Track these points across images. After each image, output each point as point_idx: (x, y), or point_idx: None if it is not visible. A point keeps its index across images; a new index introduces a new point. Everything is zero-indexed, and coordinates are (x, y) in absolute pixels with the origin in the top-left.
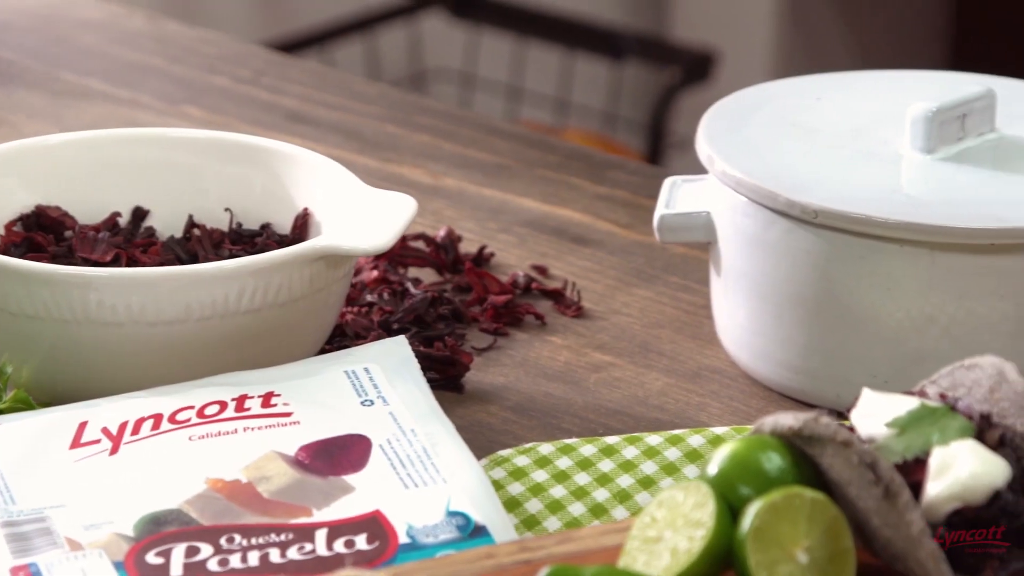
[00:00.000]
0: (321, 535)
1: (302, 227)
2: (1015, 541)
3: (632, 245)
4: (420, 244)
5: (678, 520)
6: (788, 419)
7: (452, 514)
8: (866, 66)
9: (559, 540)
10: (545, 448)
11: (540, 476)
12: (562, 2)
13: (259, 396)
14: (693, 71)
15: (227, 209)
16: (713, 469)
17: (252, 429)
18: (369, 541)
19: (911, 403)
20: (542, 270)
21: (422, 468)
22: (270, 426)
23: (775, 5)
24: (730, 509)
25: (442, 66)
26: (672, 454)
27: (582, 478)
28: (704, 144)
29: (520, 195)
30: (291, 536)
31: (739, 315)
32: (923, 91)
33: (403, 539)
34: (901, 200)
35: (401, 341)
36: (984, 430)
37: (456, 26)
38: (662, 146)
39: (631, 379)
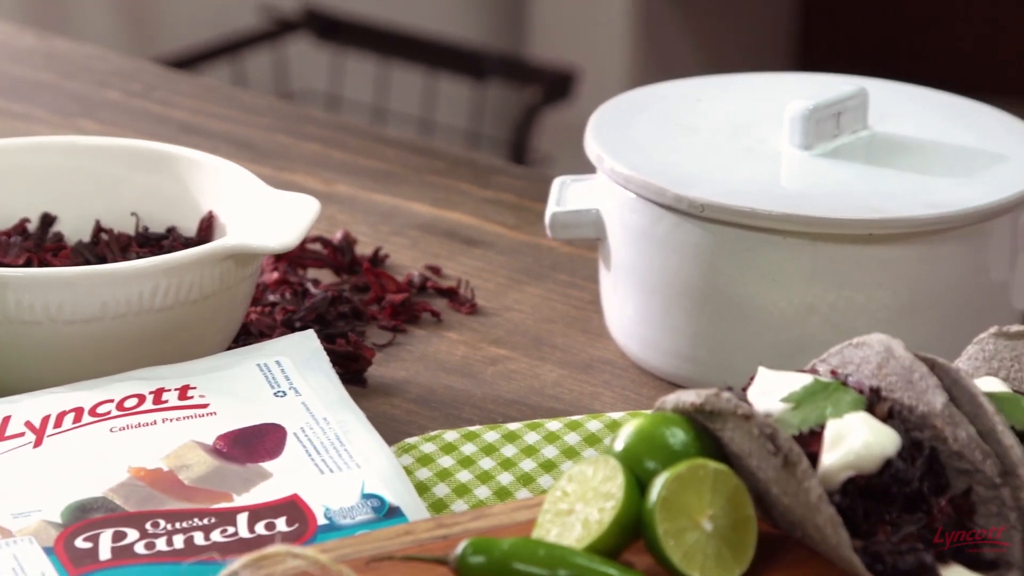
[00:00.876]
0: (243, 519)
1: (207, 229)
2: (905, 507)
3: (520, 245)
4: (318, 247)
5: (588, 493)
6: (690, 396)
7: (367, 496)
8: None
9: (473, 516)
10: (450, 435)
11: (446, 462)
12: (424, 23)
13: (175, 389)
14: (554, 90)
15: (133, 214)
16: (620, 445)
17: (170, 420)
18: (289, 523)
19: (805, 379)
20: (436, 270)
21: (336, 454)
22: (188, 417)
23: (628, 23)
24: (637, 482)
25: (308, 88)
26: (572, 439)
27: (486, 463)
28: (593, 143)
29: (410, 199)
30: (214, 520)
31: (628, 308)
32: (798, 91)
33: (321, 521)
34: (782, 194)
35: (310, 335)
36: (874, 403)
37: (321, 48)
38: (525, 163)
39: (526, 371)
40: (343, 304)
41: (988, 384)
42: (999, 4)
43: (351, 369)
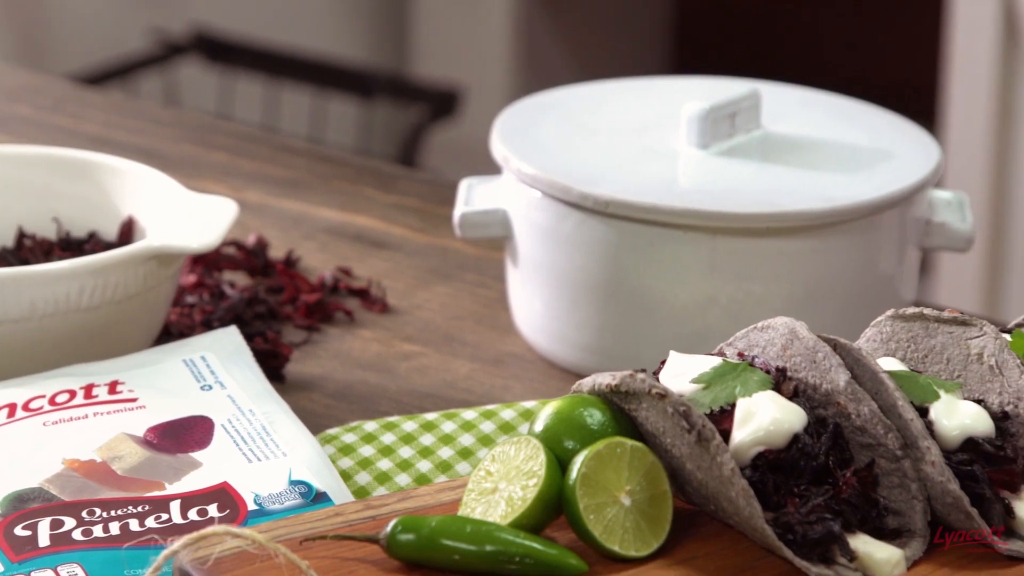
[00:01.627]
0: (175, 506)
1: (128, 233)
2: (812, 479)
3: (427, 247)
4: (232, 250)
5: (512, 472)
6: (606, 378)
7: (294, 483)
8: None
9: (400, 498)
10: (370, 426)
11: (367, 451)
12: (311, 45)
13: (105, 384)
14: (440, 108)
15: (55, 219)
16: (540, 426)
17: (101, 414)
18: (220, 509)
19: (714, 361)
20: (346, 271)
21: (263, 444)
22: (118, 411)
23: (508, 40)
24: (557, 461)
25: (199, 109)
26: (487, 427)
27: (406, 451)
28: (499, 145)
29: (318, 205)
30: (147, 507)
31: (536, 303)
32: (693, 93)
33: (251, 506)
34: (682, 190)
35: (232, 331)
36: (780, 382)
37: (210, 71)
38: None
39: (438, 366)
40: (259, 305)
41: (887, 364)
42: (863, 13)
43: (269, 366)
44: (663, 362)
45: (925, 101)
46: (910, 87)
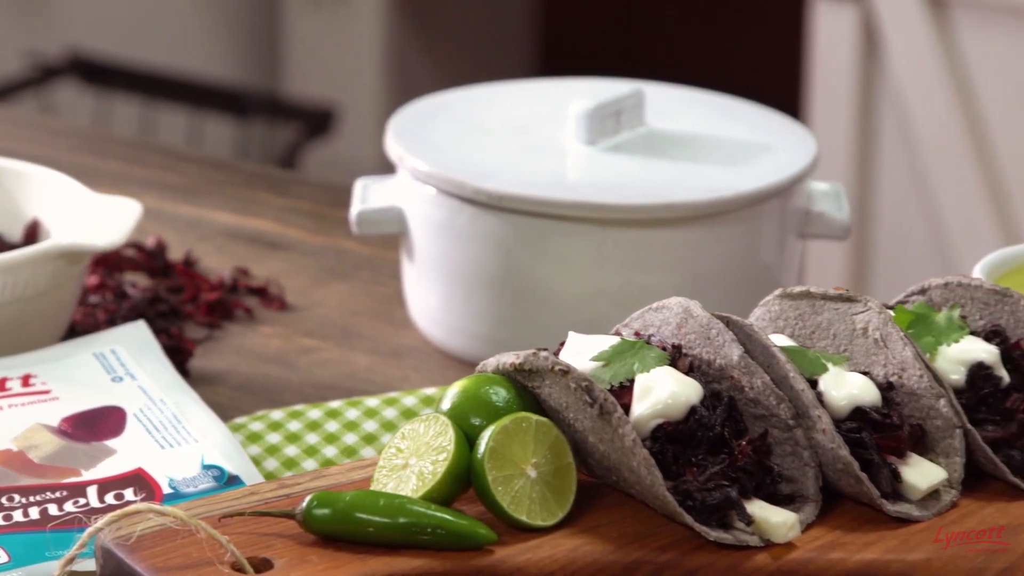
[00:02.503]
0: (92, 491)
1: (32, 234)
2: (709, 450)
3: (322, 248)
4: (132, 252)
5: (421, 448)
6: (509, 357)
7: (207, 467)
8: None
9: (313, 477)
10: (276, 414)
11: (274, 438)
12: (186, 65)
13: (18, 378)
14: (315, 126)
15: None
16: (447, 404)
17: (16, 406)
18: (136, 493)
19: (612, 340)
20: (244, 272)
21: (175, 431)
22: (32, 402)
23: (379, 58)
24: (465, 437)
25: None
26: (390, 413)
27: (312, 438)
28: (394, 144)
29: (213, 209)
30: (65, 493)
31: (432, 297)
32: (579, 93)
33: (167, 490)
34: (572, 184)
35: (140, 325)
36: (676, 359)
37: (86, 93)
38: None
39: (338, 359)
40: (160, 304)
41: (776, 340)
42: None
43: (174, 361)
44: (562, 343)
45: (788, 109)
46: (771, 92)
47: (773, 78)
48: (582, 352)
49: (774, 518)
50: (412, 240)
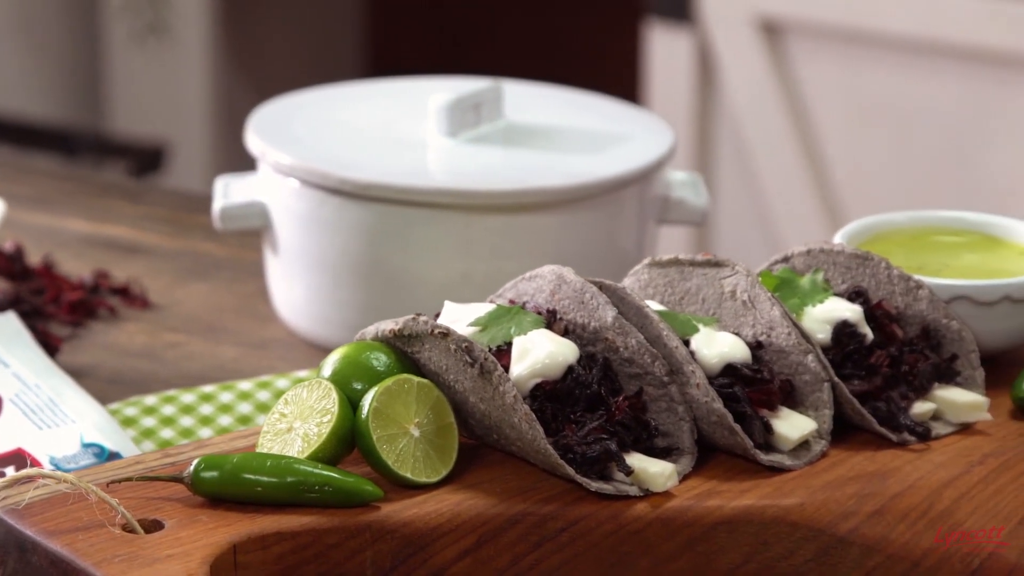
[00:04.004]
0: None
1: None
2: (587, 407)
3: (180, 251)
4: None
5: (306, 412)
6: (388, 323)
7: (87, 445)
8: None
9: (196, 447)
10: (150, 399)
11: (149, 422)
12: (9, 104)
13: None
14: (145, 163)
15: None
16: (328, 371)
17: None
18: (18, 470)
19: (488, 307)
20: (104, 273)
21: (52, 413)
22: None
23: (206, 94)
24: (348, 400)
25: None
26: (263, 395)
27: (187, 421)
28: (256, 139)
29: (68, 217)
30: None
31: (298, 288)
32: (437, 90)
33: (48, 467)
34: (436, 173)
35: (9, 317)
36: (551, 323)
37: None
38: None
39: (205, 352)
40: (23, 304)
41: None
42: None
43: None
44: (438, 313)
45: None
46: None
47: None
48: (458, 320)
49: (652, 468)
50: (276, 234)
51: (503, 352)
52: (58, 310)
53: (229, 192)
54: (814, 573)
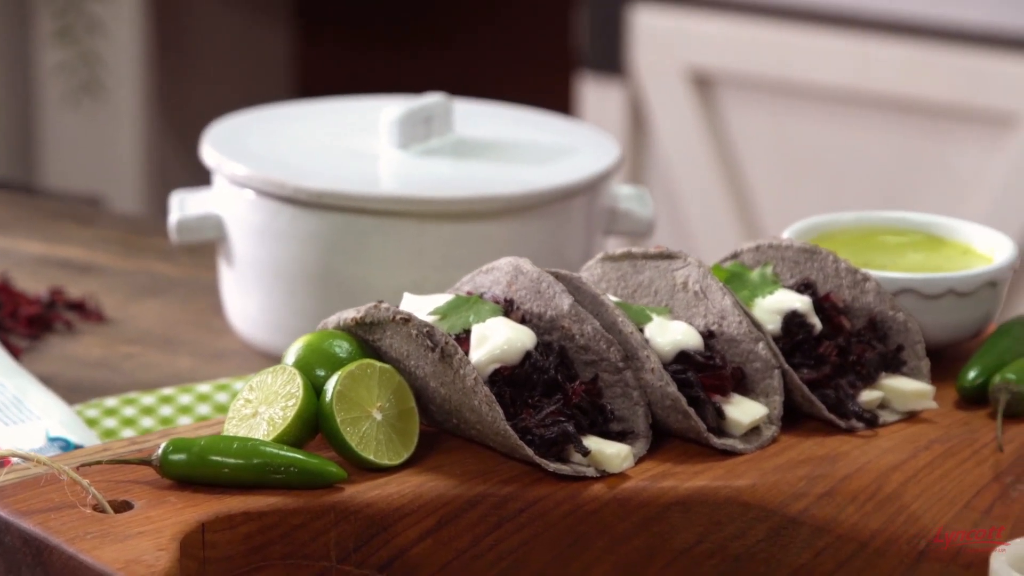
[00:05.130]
0: None
1: None
2: (544, 392)
3: (133, 271)
4: None
5: (271, 397)
6: (351, 312)
7: (53, 439)
8: None
9: (162, 435)
10: (110, 401)
11: (110, 423)
12: None
13: None
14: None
15: None
16: (292, 358)
17: None
18: None
19: (447, 297)
20: (60, 291)
21: (17, 411)
22: None
23: (140, 153)
24: (312, 386)
25: None
26: (222, 397)
27: (147, 422)
28: (212, 153)
29: (21, 239)
30: None
31: (253, 299)
32: (385, 107)
33: (16, 461)
34: (389, 182)
35: None
36: (509, 312)
37: None
38: None
39: (163, 363)
40: None
41: None
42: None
43: None
44: (397, 306)
45: None
46: None
47: None
48: (418, 310)
49: (608, 450)
50: (231, 245)
51: (462, 340)
52: (16, 324)
53: (185, 206)
54: (766, 553)
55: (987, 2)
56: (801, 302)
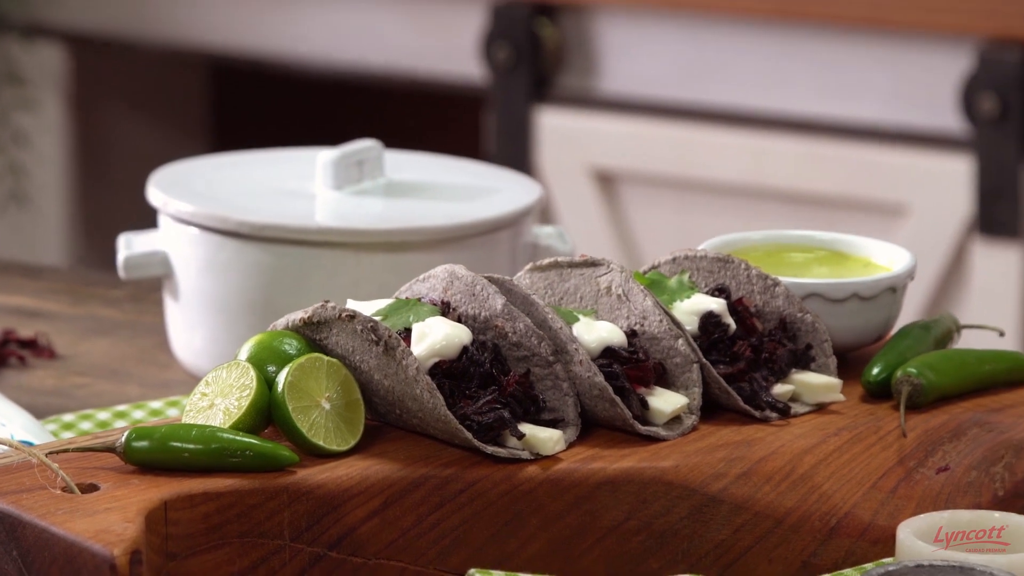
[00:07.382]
0: None
1: None
2: (480, 384)
3: (81, 316)
4: None
5: (226, 389)
6: (298, 313)
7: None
8: None
9: (123, 430)
10: (68, 416)
11: (68, 436)
12: None
13: None
14: None
15: None
16: (245, 355)
17: None
18: None
19: (387, 301)
20: (12, 331)
21: None
22: None
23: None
24: (265, 380)
25: None
26: (173, 412)
27: None
28: (157, 193)
29: None
30: None
31: (199, 332)
32: (319, 156)
33: None
34: (327, 216)
35: None
36: (446, 313)
37: None
38: None
39: (113, 391)
40: None
41: None
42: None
43: None
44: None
45: None
46: None
47: None
48: (361, 311)
49: (541, 434)
50: (177, 280)
51: (403, 338)
52: None
53: (132, 244)
54: (688, 529)
55: (874, 99)
56: (717, 304)
